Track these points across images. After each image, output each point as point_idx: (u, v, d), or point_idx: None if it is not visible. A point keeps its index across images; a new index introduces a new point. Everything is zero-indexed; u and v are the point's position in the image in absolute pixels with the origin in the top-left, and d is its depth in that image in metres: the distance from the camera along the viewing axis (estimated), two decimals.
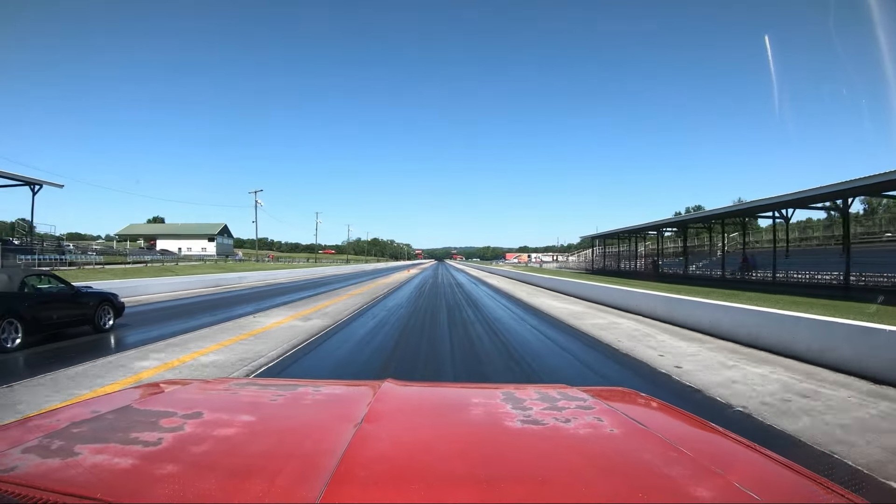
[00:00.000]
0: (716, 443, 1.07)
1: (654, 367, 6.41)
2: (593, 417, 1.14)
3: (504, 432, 1.06)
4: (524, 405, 1.21)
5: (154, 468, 0.81)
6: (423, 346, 8.24)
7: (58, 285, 8.69)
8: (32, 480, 0.74)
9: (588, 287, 17.88)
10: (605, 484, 0.79)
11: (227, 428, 1.06)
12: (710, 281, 28.36)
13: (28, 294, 7.88)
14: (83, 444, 0.93)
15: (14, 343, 7.11)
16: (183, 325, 9.78)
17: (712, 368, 6.21)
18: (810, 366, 6.17)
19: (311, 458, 0.85)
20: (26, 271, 8.80)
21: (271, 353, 6.93)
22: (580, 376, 6.10)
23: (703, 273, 33.45)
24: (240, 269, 35.22)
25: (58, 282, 8.80)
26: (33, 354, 7.05)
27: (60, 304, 8.34)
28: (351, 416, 1.04)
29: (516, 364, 6.76)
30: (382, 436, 0.96)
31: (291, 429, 1.07)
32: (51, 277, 8.92)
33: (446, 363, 6.92)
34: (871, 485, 2.96)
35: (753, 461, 0.93)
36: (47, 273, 9.27)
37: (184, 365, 6.22)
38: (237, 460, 0.86)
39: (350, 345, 8.19)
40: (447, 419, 1.18)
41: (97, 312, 8.97)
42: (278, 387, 1.56)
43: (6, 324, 7.08)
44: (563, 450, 0.96)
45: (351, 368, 6.52)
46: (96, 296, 9.26)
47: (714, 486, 0.77)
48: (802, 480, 0.84)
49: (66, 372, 5.76)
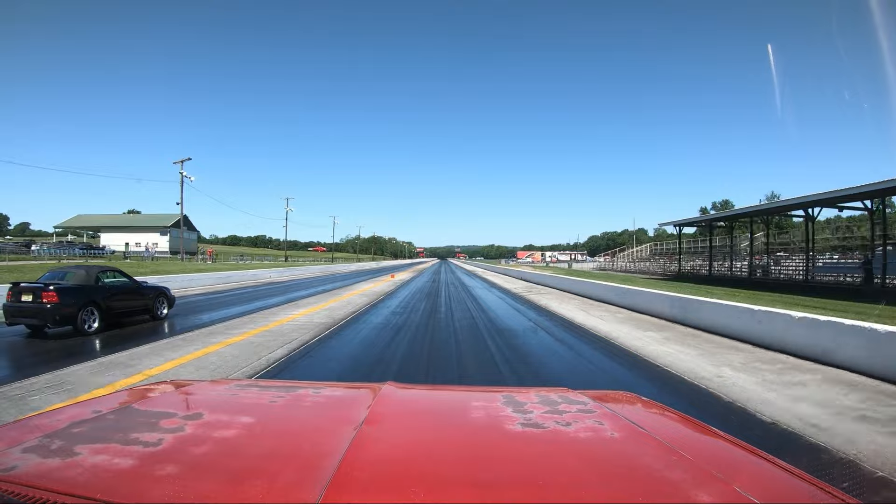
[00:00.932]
0: (716, 447, 1.07)
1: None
2: (594, 421, 1.14)
3: (504, 436, 1.06)
4: (525, 408, 1.21)
5: (154, 469, 0.81)
6: None
7: (123, 279, 9.96)
8: (32, 480, 0.74)
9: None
10: (606, 488, 0.79)
11: (227, 429, 1.06)
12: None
13: (102, 286, 9.17)
14: (83, 444, 0.93)
15: (93, 327, 8.55)
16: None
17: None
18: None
19: (311, 460, 0.85)
20: (100, 267, 10.12)
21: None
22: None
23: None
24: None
25: (123, 276, 10.07)
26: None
27: (127, 296, 9.73)
28: (351, 419, 1.04)
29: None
30: (382, 438, 0.96)
31: (291, 430, 1.07)
32: (117, 272, 10.12)
33: None
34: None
35: (754, 465, 0.93)
36: (114, 269, 10.42)
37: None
38: (237, 461, 0.86)
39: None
40: (448, 422, 1.18)
41: (155, 303, 10.39)
42: (279, 388, 1.56)
43: (87, 311, 8.48)
44: (564, 453, 0.96)
45: None
46: (154, 289, 10.66)
47: (714, 490, 0.77)
48: (802, 484, 0.84)
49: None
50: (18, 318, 8.33)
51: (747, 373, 5.83)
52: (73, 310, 8.23)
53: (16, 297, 8.31)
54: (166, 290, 10.99)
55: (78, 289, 8.65)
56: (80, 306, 8.35)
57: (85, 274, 9.19)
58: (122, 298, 9.51)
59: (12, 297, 8.36)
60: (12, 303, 8.34)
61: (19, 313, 8.26)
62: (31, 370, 5.70)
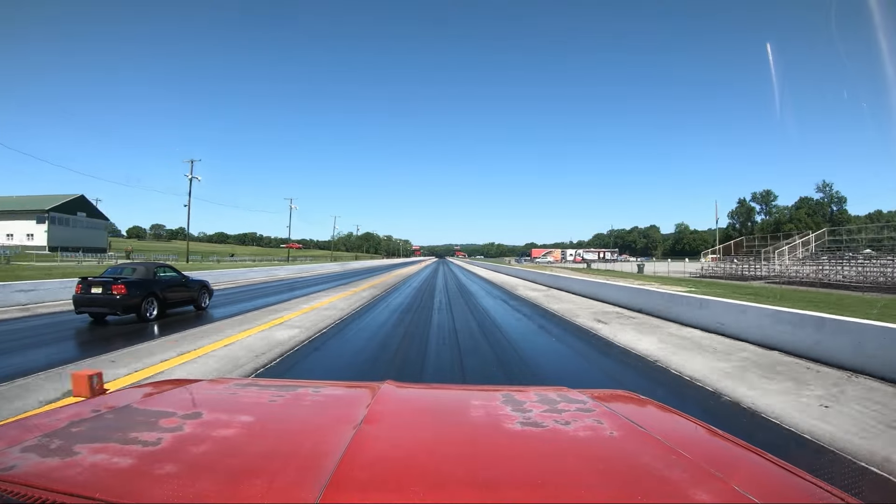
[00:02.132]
0: (715, 445, 1.07)
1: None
2: (593, 420, 1.14)
3: (504, 434, 1.06)
4: (524, 407, 1.21)
5: (154, 468, 0.81)
6: None
7: (174, 274, 11.45)
8: (32, 480, 0.74)
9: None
10: (605, 486, 0.79)
11: (226, 428, 1.06)
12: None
13: (159, 280, 10.64)
14: (83, 443, 0.93)
15: (152, 314, 10.02)
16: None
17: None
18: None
19: (311, 460, 0.85)
20: (156, 263, 11.66)
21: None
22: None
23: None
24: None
25: (174, 272, 11.59)
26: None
27: (178, 288, 11.20)
28: (350, 418, 1.04)
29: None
30: (382, 437, 0.96)
31: (291, 430, 1.07)
32: (168, 268, 11.68)
33: None
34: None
35: (752, 464, 0.94)
36: (168, 265, 12.14)
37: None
38: (236, 461, 0.86)
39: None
40: (447, 421, 1.18)
41: (199, 295, 11.92)
42: (278, 387, 1.56)
43: (148, 301, 9.94)
44: (563, 452, 0.96)
45: None
46: (198, 282, 12.11)
47: (713, 489, 0.77)
48: (801, 483, 0.84)
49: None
50: (87, 308, 9.51)
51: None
52: (137, 300, 9.63)
53: (85, 290, 9.47)
54: (207, 284, 12.48)
55: (141, 282, 10.02)
56: (143, 297, 9.78)
57: (145, 269, 10.65)
58: (174, 290, 10.98)
59: (82, 290, 9.50)
60: (82, 294, 9.46)
61: (90, 303, 9.43)
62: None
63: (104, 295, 9.36)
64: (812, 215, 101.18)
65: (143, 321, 9.64)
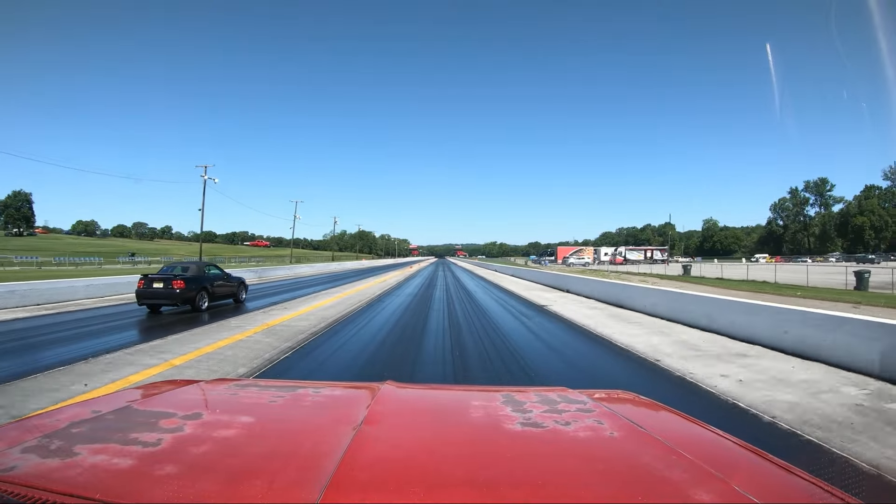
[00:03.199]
0: (715, 446, 1.07)
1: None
2: (593, 420, 1.14)
3: (504, 435, 1.06)
4: (524, 408, 1.21)
5: (153, 469, 0.81)
6: None
7: (218, 271, 13.34)
8: (32, 480, 0.74)
9: None
10: (605, 487, 0.79)
11: (226, 429, 1.06)
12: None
13: (208, 276, 12.57)
14: (83, 444, 0.93)
15: (204, 305, 11.99)
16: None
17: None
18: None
19: (311, 460, 0.85)
20: (205, 262, 13.71)
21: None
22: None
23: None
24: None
25: (218, 269, 13.52)
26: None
27: (222, 283, 13.11)
28: (350, 418, 1.04)
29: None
30: (382, 438, 0.96)
31: (291, 430, 1.07)
32: (214, 266, 13.64)
33: None
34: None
35: (753, 464, 0.93)
36: (214, 264, 14.11)
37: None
38: (236, 461, 0.86)
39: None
40: (447, 421, 1.18)
41: (238, 289, 13.87)
42: (278, 388, 1.56)
43: (200, 295, 11.85)
44: (563, 453, 0.96)
45: None
46: (237, 279, 14.06)
47: (713, 490, 0.77)
48: (802, 483, 0.84)
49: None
50: (149, 300, 11.29)
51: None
52: (193, 293, 11.52)
53: (148, 285, 11.31)
54: (244, 280, 14.45)
55: (195, 278, 11.89)
56: (197, 291, 11.67)
57: (197, 267, 12.57)
58: (220, 285, 12.91)
59: (144, 285, 11.35)
60: (145, 289, 11.30)
61: (152, 296, 11.22)
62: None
63: (165, 289, 11.14)
64: (885, 206, 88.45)
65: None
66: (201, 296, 11.83)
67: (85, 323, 9.74)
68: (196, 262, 13.69)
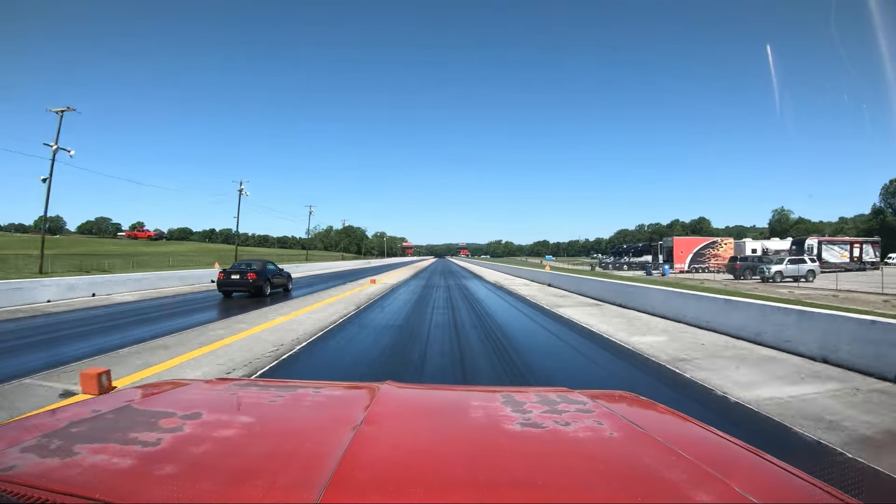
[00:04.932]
0: (715, 446, 1.07)
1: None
2: (593, 421, 1.14)
3: (503, 435, 1.06)
4: (524, 408, 1.20)
5: (153, 468, 0.81)
6: None
7: (274, 267, 16.89)
8: (32, 480, 0.74)
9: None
10: (605, 488, 0.79)
11: (226, 429, 1.06)
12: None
13: (269, 270, 16.23)
14: (83, 443, 0.93)
15: (268, 292, 15.53)
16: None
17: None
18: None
19: (310, 460, 0.85)
20: (266, 260, 17.06)
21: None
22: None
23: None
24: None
25: (274, 265, 17.01)
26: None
27: (277, 277, 16.75)
28: (350, 419, 1.04)
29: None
30: (381, 438, 0.96)
31: (291, 430, 1.07)
32: (272, 262, 17.13)
33: None
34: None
35: (753, 465, 0.93)
36: (271, 262, 17.46)
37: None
38: (236, 461, 0.86)
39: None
40: (446, 422, 1.18)
41: (287, 281, 17.73)
42: (278, 388, 1.56)
43: (266, 284, 15.42)
44: (563, 453, 0.96)
45: None
46: (286, 273, 17.89)
47: (713, 490, 0.77)
48: (801, 484, 0.84)
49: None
50: (228, 288, 15.15)
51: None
52: (262, 284, 15.17)
53: (226, 277, 15.15)
54: (290, 274, 18.49)
55: (262, 271, 15.57)
56: (263, 281, 15.26)
57: (262, 263, 16.19)
58: (276, 278, 16.52)
59: (224, 277, 15.19)
60: (224, 279, 15.14)
61: (230, 285, 15.11)
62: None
63: (242, 280, 15.00)
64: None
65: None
66: (266, 285, 15.41)
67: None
68: (261, 260, 17.03)
